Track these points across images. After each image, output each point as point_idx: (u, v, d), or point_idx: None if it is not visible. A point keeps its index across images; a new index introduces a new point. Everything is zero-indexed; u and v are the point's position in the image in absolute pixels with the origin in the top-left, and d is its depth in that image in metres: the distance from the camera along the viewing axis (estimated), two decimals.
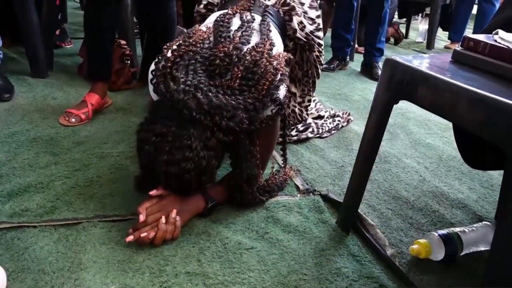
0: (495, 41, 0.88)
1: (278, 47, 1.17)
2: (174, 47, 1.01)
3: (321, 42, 1.44)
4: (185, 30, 1.89)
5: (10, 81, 1.82)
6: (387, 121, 0.96)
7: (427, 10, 4.11)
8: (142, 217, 0.95)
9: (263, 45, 1.05)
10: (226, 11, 1.19)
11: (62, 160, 1.30)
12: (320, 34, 1.42)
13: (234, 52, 1.00)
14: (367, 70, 2.62)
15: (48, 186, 1.15)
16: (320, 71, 1.50)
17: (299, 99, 1.56)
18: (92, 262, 0.89)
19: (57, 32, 2.49)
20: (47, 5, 2.04)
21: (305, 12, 1.39)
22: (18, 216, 1.02)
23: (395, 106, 0.93)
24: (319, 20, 1.42)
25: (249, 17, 1.17)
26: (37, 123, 1.53)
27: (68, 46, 2.62)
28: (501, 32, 0.90)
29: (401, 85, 0.87)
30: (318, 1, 5.09)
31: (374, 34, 2.52)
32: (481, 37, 0.91)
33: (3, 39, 1.86)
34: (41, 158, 1.30)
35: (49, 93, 1.83)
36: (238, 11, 1.21)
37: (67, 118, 1.56)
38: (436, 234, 1.00)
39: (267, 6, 1.29)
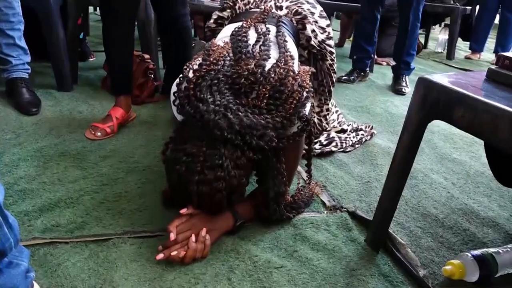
0: None
1: (296, 58, 1.17)
2: (195, 66, 1.02)
3: (333, 50, 1.45)
4: (207, 44, 1.91)
5: (37, 95, 1.86)
6: (420, 140, 0.95)
7: (446, 20, 4.08)
8: (172, 236, 0.96)
9: (285, 61, 1.05)
10: (241, 24, 1.19)
11: (90, 174, 1.32)
12: (331, 42, 1.43)
13: (258, 70, 1.01)
14: (393, 82, 2.60)
15: (77, 201, 1.17)
16: (334, 79, 1.50)
17: (317, 109, 1.55)
18: (123, 279, 0.89)
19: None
20: (72, 23, 2.09)
21: (316, 21, 1.40)
22: (50, 232, 1.03)
23: None
24: (329, 29, 1.43)
25: (264, 29, 1.18)
26: (64, 137, 1.56)
27: (91, 59, 2.67)
28: None
29: (436, 105, 0.85)
30: (335, 13, 5.11)
31: (400, 47, 2.50)
32: None
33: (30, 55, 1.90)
34: (69, 172, 1.32)
35: (74, 106, 1.87)
36: (253, 23, 1.22)
37: (93, 132, 1.58)
38: (470, 255, 0.98)
39: (280, 16, 1.30)
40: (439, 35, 4.07)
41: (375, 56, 3.07)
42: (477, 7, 3.70)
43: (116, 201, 1.18)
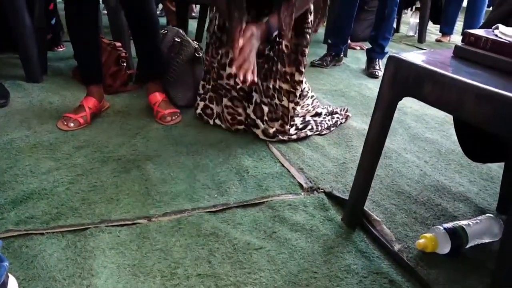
0: (496, 36, 0.89)
1: None
2: None
3: None
4: (180, 31, 1.89)
5: (5, 86, 1.80)
6: (392, 118, 0.97)
7: (417, 4, 4.13)
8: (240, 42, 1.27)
9: None
10: None
11: (63, 165, 1.29)
12: None
13: None
14: (366, 66, 2.63)
15: (51, 192, 1.15)
16: None
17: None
18: (102, 267, 0.89)
19: (48, 37, 2.46)
20: (39, 9, 2.02)
21: None
22: (24, 224, 1.01)
23: None
24: None
25: None
26: (35, 128, 1.52)
27: (61, 50, 2.60)
28: (501, 27, 0.91)
29: (405, 82, 0.87)
30: None
31: (377, 31, 2.52)
32: (481, 32, 0.92)
33: None
34: (42, 164, 1.29)
35: (45, 97, 1.82)
36: None
37: (65, 123, 1.55)
38: (442, 228, 1.02)
39: None
40: (410, 18, 4.12)
41: (349, 41, 3.10)
42: None
43: (92, 191, 1.17)
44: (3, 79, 1.89)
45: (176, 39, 1.79)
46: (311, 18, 1.51)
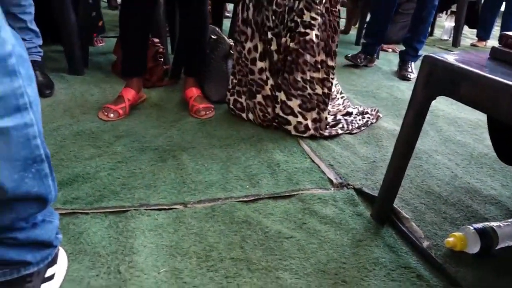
0: None
1: None
2: None
3: None
4: (216, 28, 1.94)
5: (50, 78, 1.90)
6: (424, 117, 0.99)
7: (453, 7, 4.07)
8: None
9: None
10: None
11: (105, 152, 1.36)
12: None
13: None
14: (399, 68, 2.62)
15: (94, 176, 1.22)
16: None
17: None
18: (142, 246, 0.95)
19: (95, 35, 2.58)
20: (83, 5, 2.12)
21: None
22: (70, 204, 1.08)
23: None
24: None
25: None
26: (78, 117, 1.61)
27: (100, 45, 2.71)
28: None
29: (440, 81, 0.89)
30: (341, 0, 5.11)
31: (413, 33, 2.51)
32: None
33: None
34: (85, 150, 1.37)
35: (86, 89, 1.91)
36: None
37: (106, 113, 1.63)
38: (471, 228, 1.02)
39: None
40: (445, 22, 4.06)
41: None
42: None
43: (131, 177, 1.23)
44: (47, 70, 2.00)
45: (213, 36, 1.85)
46: (339, 7, 1.54)
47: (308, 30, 1.48)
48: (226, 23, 3.18)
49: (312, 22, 1.47)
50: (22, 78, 0.61)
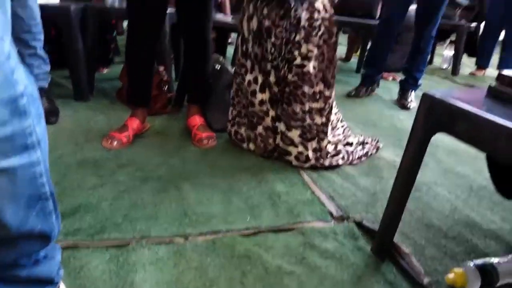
0: None
1: None
2: None
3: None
4: (221, 58, 1.99)
5: (55, 104, 1.93)
6: (424, 152, 1.00)
7: (452, 37, 4.14)
8: None
9: None
10: None
11: (107, 182, 1.38)
12: None
13: None
14: (399, 97, 2.65)
15: (97, 207, 1.23)
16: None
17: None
18: (142, 281, 0.95)
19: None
20: (92, 35, 2.18)
21: None
22: (72, 235, 1.09)
23: None
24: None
25: None
26: (82, 145, 1.63)
27: (105, 71, 2.76)
28: None
29: (439, 119, 0.91)
30: (342, 28, 5.20)
31: (412, 63, 2.55)
32: None
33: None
34: (88, 179, 1.38)
35: (91, 116, 1.94)
36: None
37: (109, 141, 1.65)
38: (472, 264, 1.02)
39: None
40: (445, 51, 4.13)
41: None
42: (482, 24, 3.76)
43: (133, 208, 1.24)
44: (53, 96, 2.03)
45: (216, 66, 1.89)
46: (335, 38, 1.58)
47: (305, 62, 1.51)
48: (230, 50, 3.24)
49: (309, 54, 1.51)
50: (32, 117, 0.62)
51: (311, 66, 1.52)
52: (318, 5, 1.50)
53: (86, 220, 1.16)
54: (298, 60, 1.52)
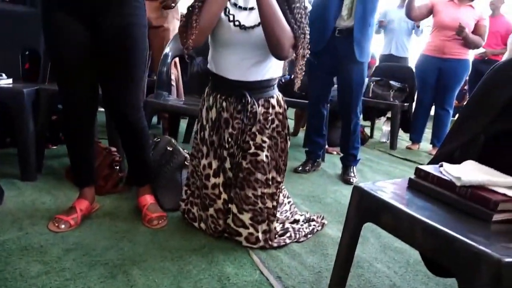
0: (441, 172, 1.08)
1: None
2: None
3: None
4: (172, 140, 2.07)
5: (0, 185, 1.89)
6: (358, 237, 1.11)
7: (388, 114, 4.54)
8: None
9: None
10: None
11: (52, 269, 1.35)
12: None
13: None
14: (342, 172, 2.83)
15: None
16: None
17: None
18: None
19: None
20: (43, 116, 2.20)
21: None
22: None
23: None
24: None
25: None
26: (27, 229, 1.59)
27: (55, 147, 2.74)
28: (445, 165, 1.10)
29: (367, 211, 1.03)
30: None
31: (347, 142, 2.77)
32: (430, 168, 1.11)
33: None
34: (32, 267, 1.35)
35: (38, 197, 1.91)
36: None
37: (56, 224, 1.63)
38: None
39: None
40: (383, 126, 4.50)
41: (326, 146, 3.35)
42: (414, 104, 4.18)
43: None
44: None
45: (168, 148, 1.96)
46: (286, 131, 1.71)
47: (259, 151, 1.63)
48: (183, 124, 3.35)
49: (263, 144, 1.63)
50: None
51: (264, 155, 1.63)
52: (273, 101, 1.65)
53: None
54: (252, 149, 1.63)
